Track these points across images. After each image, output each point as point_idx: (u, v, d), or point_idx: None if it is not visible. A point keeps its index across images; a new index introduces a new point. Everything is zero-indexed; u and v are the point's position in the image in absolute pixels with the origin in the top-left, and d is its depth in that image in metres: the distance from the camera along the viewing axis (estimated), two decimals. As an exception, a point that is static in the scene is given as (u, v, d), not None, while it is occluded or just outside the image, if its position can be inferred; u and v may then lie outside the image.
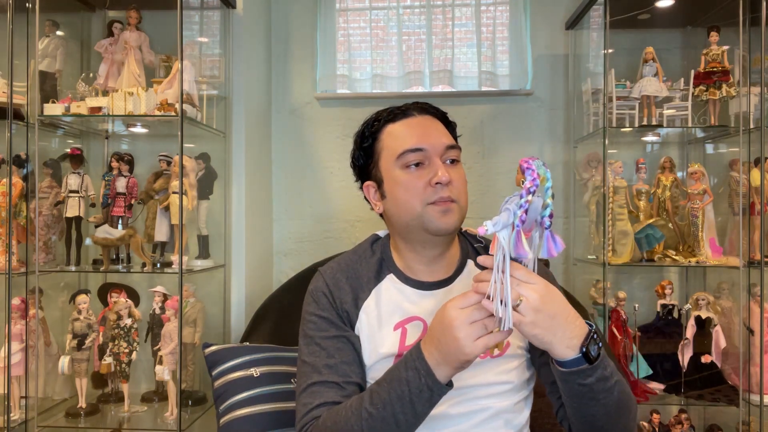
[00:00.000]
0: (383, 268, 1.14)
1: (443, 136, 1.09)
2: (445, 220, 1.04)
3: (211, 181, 2.07)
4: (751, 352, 1.92)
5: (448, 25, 2.40)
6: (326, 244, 2.43)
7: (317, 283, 1.14)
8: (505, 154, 2.40)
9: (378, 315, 1.09)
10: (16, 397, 1.83)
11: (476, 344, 0.85)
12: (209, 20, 2.14)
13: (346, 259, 1.17)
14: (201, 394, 2.01)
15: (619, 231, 2.04)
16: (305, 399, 1.04)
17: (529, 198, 0.81)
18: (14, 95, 1.79)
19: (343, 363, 1.06)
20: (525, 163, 0.83)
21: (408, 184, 1.05)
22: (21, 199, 1.86)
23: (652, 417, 2.00)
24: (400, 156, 1.06)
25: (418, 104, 1.14)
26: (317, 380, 1.04)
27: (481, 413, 1.05)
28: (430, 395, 0.91)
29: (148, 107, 1.85)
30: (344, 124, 2.42)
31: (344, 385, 1.04)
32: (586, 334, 0.89)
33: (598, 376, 0.91)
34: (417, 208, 1.04)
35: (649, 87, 2.05)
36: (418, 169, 1.06)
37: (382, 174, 1.11)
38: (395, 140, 1.09)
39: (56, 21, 2.01)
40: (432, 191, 1.04)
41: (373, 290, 1.12)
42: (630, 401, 0.99)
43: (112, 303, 1.92)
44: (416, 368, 0.91)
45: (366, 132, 1.14)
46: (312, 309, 1.12)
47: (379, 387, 0.95)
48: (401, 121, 1.11)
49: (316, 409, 1.02)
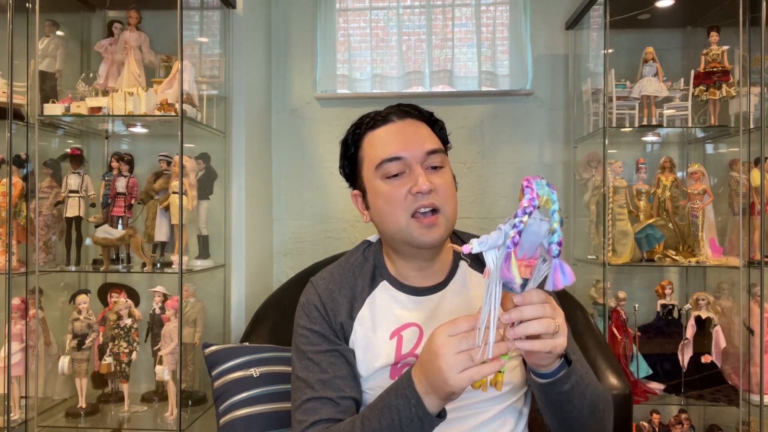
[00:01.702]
0: (376, 275, 1.12)
1: (425, 141, 1.04)
2: (430, 235, 1.01)
3: (211, 181, 2.07)
4: (751, 352, 1.92)
5: (448, 25, 2.40)
6: (326, 244, 2.43)
7: (309, 295, 1.12)
8: (505, 154, 2.40)
9: (373, 324, 1.07)
10: (16, 397, 1.83)
11: (461, 376, 0.79)
12: (209, 20, 2.14)
13: (339, 268, 1.15)
14: (201, 394, 2.01)
15: (619, 231, 2.03)
16: (300, 416, 1.02)
17: (524, 219, 0.73)
18: (14, 95, 1.79)
19: (336, 378, 1.03)
20: (525, 181, 0.75)
21: (388, 196, 1.02)
22: (21, 199, 1.86)
23: (652, 417, 2.00)
24: (378, 166, 1.04)
25: (401, 107, 1.09)
26: (311, 396, 1.02)
27: (482, 414, 1.04)
28: (421, 426, 0.87)
29: (148, 107, 1.85)
30: (344, 124, 2.36)
31: (339, 401, 1.02)
32: None
33: (573, 383, 0.92)
34: (401, 221, 1.02)
35: (649, 87, 2.05)
36: (398, 178, 1.02)
37: (365, 184, 1.08)
38: (374, 149, 1.06)
39: (56, 21, 2.01)
40: (413, 200, 1.00)
41: (366, 299, 1.09)
42: (601, 399, 1.00)
43: (112, 303, 1.92)
44: (406, 396, 0.87)
45: (349, 139, 1.12)
46: (303, 323, 1.09)
47: (371, 413, 0.93)
48: (381, 128, 1.07)
49: (311, 428, 1.00)
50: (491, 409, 1.05)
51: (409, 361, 1.04)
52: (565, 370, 0.91)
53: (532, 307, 0.79)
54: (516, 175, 2.39)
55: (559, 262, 0.75)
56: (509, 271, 0.74)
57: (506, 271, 0.74)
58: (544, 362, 0.89)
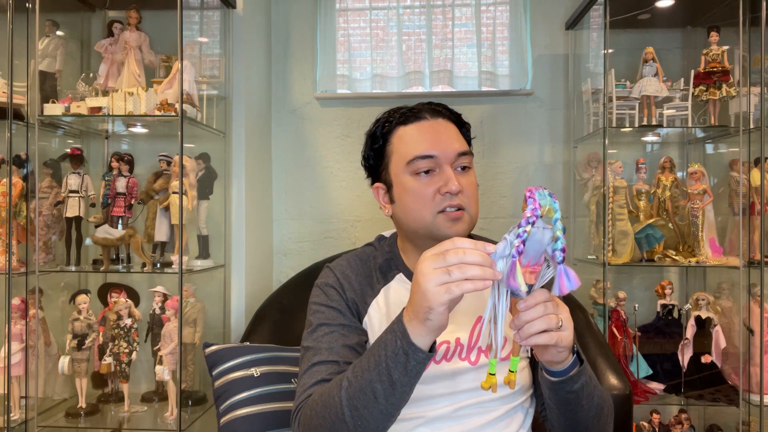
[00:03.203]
0: (392, 267, 1.13)
1: (455, 141, 1.06)
2: (455, 228, 1.02)
3: (211, 181, 2.07)
4: (751, 352, 1.92)
5: (448, 25, 2.40)
6: (326, 244, 2.43)
7: (327, 278, 1.13)
8: (505, 154, 2.40)
9: (387, 314, 1.08)
10: (16, 397, 1.83)
11: (438, 289, 0.79)
12: (209, 20, 2.14)
13: (355, 257, 1.16)
14: (201, 394, 2.01)
15: (619, 231, 2.04)
16: (305, 380, 1.02)
17: (527, 228, 0.77)
18: (14, 95, 1.79)
19: (345, 347, 1.04)
20: (528, 192, 0.79)
21: (417, 192, 1.03)
22: (21, 199, 1.86)
23: (652, 417, 2.00)
24: (409, 162, 1.04)
25: (432, 105, 1.10)
26: (318, 360, 1.02)
27: (490, 413, 1.05)
28: (406, 360, 0.85)
29: (148, 107, 1.85)
30: (344, 124, 2.42)
31: (343, 365, 1.01)
32: None
33: (583, 382, 0.94)
34: (427, 218, 1.03)
35: (649, 87, 2.05)
36: (428, 176, 1.04)
37: (392, 178, 1.09)
38: (405, 145, 1.06)
39: (56, 21, 2.01)
40: (441, 199, 1.02)
41: (382, 290, 1.11)
42: (605, 403, 1.03)
43: (112, 303, 1.92)
44: (393, 330, 0.87)
45: (377, 132, 1.11)
46: (321, 300, 1.10)
47: (362, 355, 0.93)
48: (413, 124, 1.07)
49: (312, 388, 1.00)
50: (499, 408, 1.06)
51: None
52: (576, 369, 0.93)
53: (533, 310, 0.82)
54: (516, 175, 2.39)
55: (563, 268, 0.79)
56: (515, 279, 0.78)
57: (512, 280, 0.78)
58: (557, 358, 0.91)
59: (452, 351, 1.05)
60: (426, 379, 1.02)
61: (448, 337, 1.05)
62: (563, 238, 0.79)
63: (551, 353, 0.89)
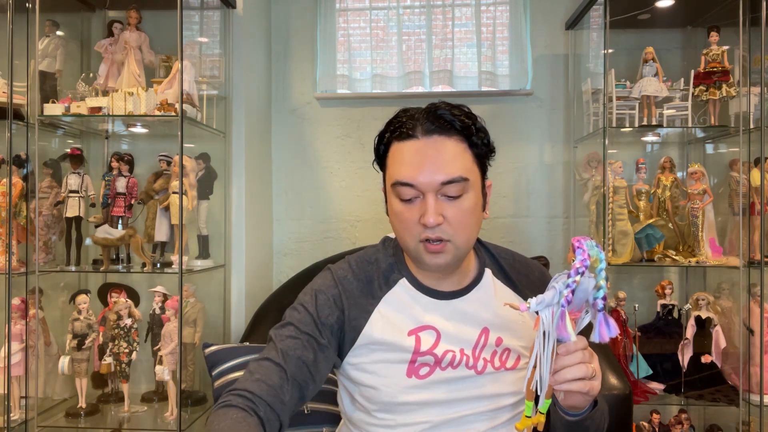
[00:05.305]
0: (395, 271, 1.10)
1: (444, 168, 0.97)
2: (435, 261, 1.00)
3: (211, 181, 2.07)
4: (751, 352, 1.92)
5: (448, 25, 2.40)
6: (326, 244, 2.43)
7: (325, 284, 1.09)
8: (505, 154, 2.40)
9: (391, 320, 1.05)
10: (16, 397, 1.83)
11: None
12: (209, 20, 2.14)
13: (359, 260, 1.12)
14: (201, 394, 2.01)
15: (619, 231, 2.03)
16: (248, 371, 1.01)
17: (577, 278, 0.78)
18: (14, 95, 1.79)
19: (298, 359, 1.01)
20: (576, 242, 0.80)
21: (401, 217, 1.01)
22: (21, 199, 1.86)
23: (652, 417, 2.00)
24: (393, 185, 1.01)
25: (436, 114, 0.99)
26: (270, 357, 1.01)
27: (493, 420, 1.05)
28: None
29: (148, 107, 1.85)
30: (344, 124, 2.42)
31: (289, 376, 0.99)
32: None
33: (597, 418, 0.98)
34: (410, 244, 1.01)
35: (649, 87, 2.05)
36: (411, 202, 0.99)
37: (386, 192, 1.06)
38: (394, 165, 1.02)
39: (56, 21, 2.01)
40: (422, 228, 0.98)
41: (385, 296, 1.07)
42: (606, 418, 1.05)
43: (112, 303, 1.92)
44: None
45: (380, 140, 1.07)
46: (306, 300, 1.07)
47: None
48: (406, 142, 1.00)
49: (237, 392, 0.98)
50: (504, 416, 1.07)
51: (427, 360, 1.03)
52: (590, 410, 0.96)
53: (573, 356, 0.85)
54: (516, 174, 2.39)
55: (603, 316, 0.82)
56: (565, 329, 0.81)
57: (563, 330, 0.81)
58: (581, 405, 0.93)
59: (458, 360, 1.04)
60: (432, 386, 1.02)
61: (453, 347, 1.04)
62: (606, 287, 0.81)
63: (577, 399, 0.90)
